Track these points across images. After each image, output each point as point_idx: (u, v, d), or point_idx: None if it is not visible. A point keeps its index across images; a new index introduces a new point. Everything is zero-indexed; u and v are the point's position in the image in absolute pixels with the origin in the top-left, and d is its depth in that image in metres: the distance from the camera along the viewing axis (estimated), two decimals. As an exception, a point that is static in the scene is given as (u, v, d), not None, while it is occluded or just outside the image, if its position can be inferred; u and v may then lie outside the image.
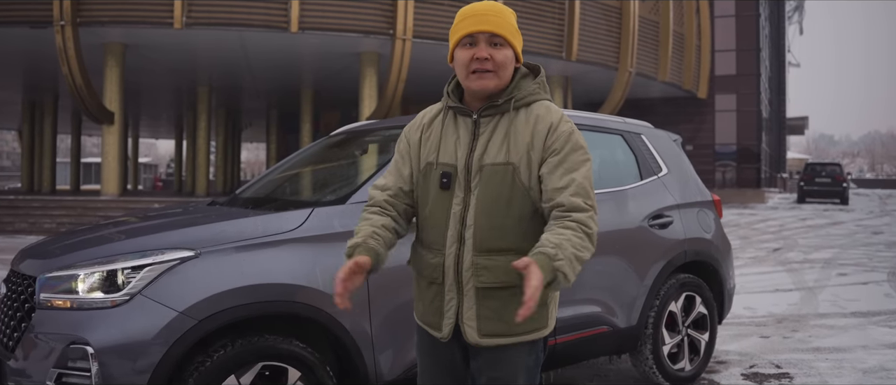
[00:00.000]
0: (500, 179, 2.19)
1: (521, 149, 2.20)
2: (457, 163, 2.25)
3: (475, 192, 2.22)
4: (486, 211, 2.20)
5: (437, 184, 2.27)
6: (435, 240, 2.29)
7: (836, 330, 6.38)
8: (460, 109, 2.30)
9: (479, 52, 2.18)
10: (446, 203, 2.25)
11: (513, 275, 2.10)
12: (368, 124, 4.71)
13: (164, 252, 2.97)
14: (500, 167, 2.20)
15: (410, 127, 2.44)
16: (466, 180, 2.23)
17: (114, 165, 19.38)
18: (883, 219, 21.98)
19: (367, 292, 3.29)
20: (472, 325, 2.23)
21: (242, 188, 4.65)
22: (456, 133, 2.30)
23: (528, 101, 2.28)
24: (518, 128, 2.23)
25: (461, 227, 2.22)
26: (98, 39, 18.35)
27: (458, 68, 2.25)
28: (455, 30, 2.24)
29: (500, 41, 2.21)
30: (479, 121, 2.27)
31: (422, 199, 2.34)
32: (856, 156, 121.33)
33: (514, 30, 2.24)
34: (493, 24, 2.18)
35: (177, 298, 2.88)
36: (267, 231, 3.17)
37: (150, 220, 3.90)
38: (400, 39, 18.39)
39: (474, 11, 2.22)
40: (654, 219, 4.56)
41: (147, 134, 50.34)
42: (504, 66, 2.22)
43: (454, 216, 2.24)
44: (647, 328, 4.50)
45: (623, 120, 4.94)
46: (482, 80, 2.20)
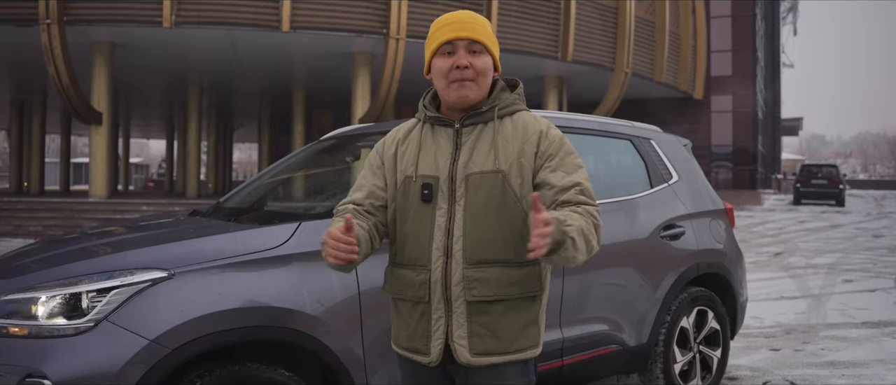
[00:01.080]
0: (490, 187, 2.12)
1: (511, 156, 2.14)
2: (438, 173, 2.16)
3: (460, 202, 2.13)
4: (475, 221, 2.11)
5: (417, 197, 2.17)
6: (418, 256, 2.17)
7: (849, 342, 6.13)
8: (440, 120, 2.22)
9: (459, 60, 2.13)
10: (429, 216, 2.16)
11: (506, 287, 2.11)
12: (360, 128, 4.42)
13: (134, 273, 2.67)
14: (489, 175, 2.12)
15: (383, 143, 2.35)
16: (451, 191, 2.14)
17: (102, 166, 19.03)
18: (881, 221, 21.79)
19: (358, 312, 3.01)
20: (464, 344, 2.13)
21: (227, 196, 4.35)
22: (435, 144, 2.21)
23: (511, 111, 2.23)
24: (506, 136, 2.17)
25: (447, 240, 2.13)
26: (86, 38, 18.00)
27: (437, 78, 2.18)
28: (432, 39, 2.19)
29: (479, 48, 2.16)
30: (462, 130, 2.20)
31: (401, 217, 2.22)
32: (848, 156, 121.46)
33: (492, 37, 2.21)
34: (472, 30, 2.14)
35: (147, 325, 2.59)
36: (249, 248, 2.88)
37: (126, 233, 3.60)
38: (393, 39, 18.10)
39: (452, 19, 2.18)
40: (665, 229, 4.29)
41: (138, 134, 49.92)
42: (484, 74, 2.17)
43: (439, 228, 2.14)
44: (657, 346, 4.24)
45: (631, 124, 4.67)
46: (463, 90, 2.14)
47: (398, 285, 2.23)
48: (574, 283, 3.72)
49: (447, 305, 2.13)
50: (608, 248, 3.95)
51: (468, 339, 2.12)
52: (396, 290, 2.24)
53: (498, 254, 2.12)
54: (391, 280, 2.27)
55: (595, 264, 3.85)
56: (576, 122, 4.17)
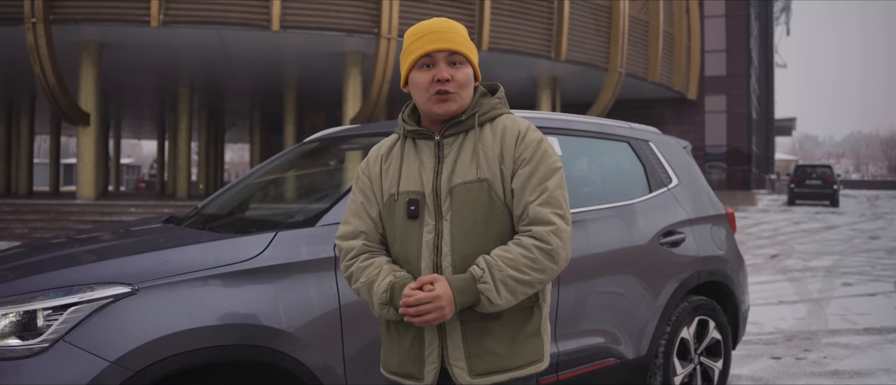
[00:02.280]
0: (475, 198, 2.02)
1: (493, 163, 2.05)
2: (423, 188, 2.07)
3: (447, 216, 2.03)
4: (463, 234, 2.02)
5: (403, 214, 2.07)
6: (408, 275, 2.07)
7: (852, 350, 5.94)
8: (420, 133, 2.12)
9: (440, 74, 2.03)
10: (416, 233, 2.06)
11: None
12: (344, 130, 4.20)
13: (94, 288, 2.46)
14: (473, 185, 2.03)
15: (367, 162, 2.23)
16: (436, 205, 2.05)
17: (90, 168, 18.76)
18: (877, 222, 21.68)
19: (339, 326, 2.80)
20: (462, 366, 2.02)
21: (206, 201, 4.14)
22: (418, 158, 2.12)
23: (492, 116, 2.13)
24: (486, 143, 2.08)
25: (436, 257, 2.02)
26: (73, 37, 17.74)
27: (417, 92, 2.09)
28: (409, 51, 2.08)
29: (459, 59, 2.07)
30: (442, 142, 2.10)
31: (389, 235, 2.14)
32: (841, 156, 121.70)
33: (471, 46, 2.12)
34: (451, 41, 2.05)
35: (108, 345, 2.38)
36: (220, 260, 2.67)
37: (97, 242, 3.39)
38: (385, 38, 17.88)
39: (429, 29, 2.07)
40: (665, 236, 4.09)
41: (130, 134, 49.50)
42: (465, 85, 2.08)
43: (427, 246, 2.04)
44: (657, 358, 4.04)
45: (629, 125, 4.46)
46: (446, 104, 2.05)
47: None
48: (569, 293, 3.52)
49: (440, 327, 2.03)
50: (606, 256, 3.76)
51: (466, 360, 2.02)
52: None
53: None
54: None
55: (592, 273, 3.66)
56: (572, 124, 3.97)
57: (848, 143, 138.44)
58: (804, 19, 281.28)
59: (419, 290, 1.92)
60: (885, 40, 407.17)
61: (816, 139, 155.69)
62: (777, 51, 54.92)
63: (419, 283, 1.93)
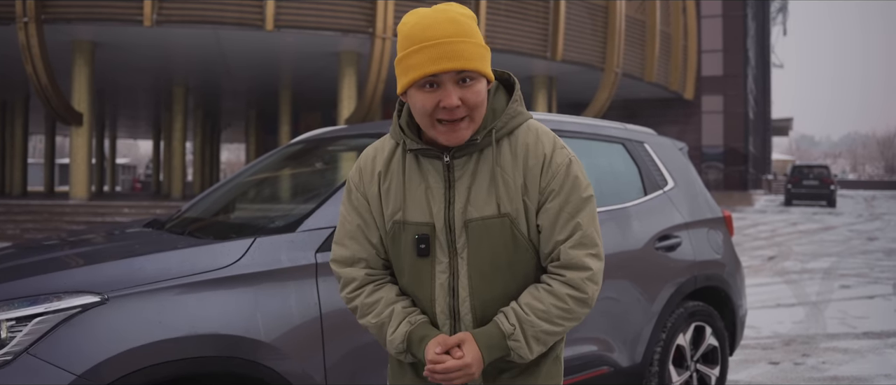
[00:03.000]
0: (497, 236, 1.74)
1: (515, 194, 1.75)
2: (433, 220, 1.77)
3: (462, 254, 1.76)
4: (483, 277, 1.76)
5: (411, 249, 1.79)
6: (424, 318, 1.84)
7: (851, 354, 5.84)
8: (425, 151, 1.77)
9: (447, 100, 1.64)
10: (427, 272, 1.79)
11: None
12: (331, 131, 4.08)
13: (61, 297, 2.34)
14: (494, 222, 1.74)
15: (360, 175, 1.89)
16: (449, 241, 1.77)
17: (83, 168, 18.63)
18: (874, 223, 21.61)
19: (320, 335, 2.69)
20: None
21: (190, 204, 4.03)
22: (423, 180, 1.79)
23: (510, 128, 1.79)
24: (505, 167, 1.76)
25: (453, 301, 1.78)
26: (65, 37, 17.61)
27: (419, 114, 1.71)
28: (407, 66, 1.66)
29: (471, 75, 1.66)
30: (453, 163, 1.77)
31: (396, 266, 1.87)
32: (838, 157, 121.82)
33: (482, 51, 1.69)
34: (460, 56, 1.63)
35: (75, 357, 2.26)
36: (196, 268, 2.55)
37: (75, 247, 3.27)
38: (380, 38, 17.77)
39: (431, 38, 1.64)
40: (660, 240, 3.99)
41: (125, 134, 49.34)
42: (479, 105, 1.70)
43: (441, 288, 1.79)
44: (652, 366, 3.93)
45: (623, 126, 4.36)
46: (455, 133, 1.69)
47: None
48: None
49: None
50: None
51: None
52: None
53: None
54: None
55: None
56: (564, 125, 3.86)
57: (845, 144, 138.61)
58: (801, 19, 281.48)
59: (447, 355, 1.71)
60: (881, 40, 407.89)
61: (813, 139, 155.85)
62: (774, 51, 54.90)
63: (444, 346, 1.71)
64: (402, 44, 1.69)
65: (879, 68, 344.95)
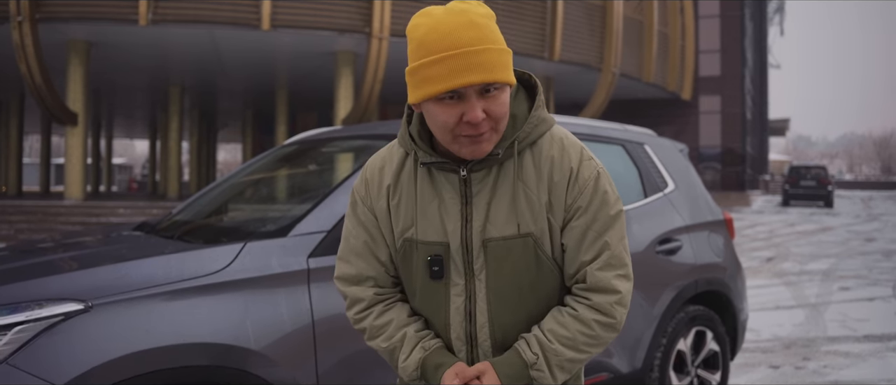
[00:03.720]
0: (519, 257, 1.61)
1: (539, 212, 1.61)
2: (447, 239, 1.63)
3: (480, 276, 1.63)
4: (502, 301, 1.63)
5: (423, 270, 1.66)
6: (439, 342, 1.72)
7: (853, 358, 5.77)
8: (440, 164, 1.62)
9: (472, 114, 1.48)
10: (442, 296, 1.66)
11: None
12: (325, 132, 4.00)
13: (43, 305, 2.26)
14: (515, 241, 1.60)
15: (366, 187, 1.74)
16: (466, 262, 1.63)
17: (78, 168, 18.53)
18: (872, 224, 21.56)
19: (312, 342, 2.61)
20: None
21: (181, 206, 3.95)
22: (436, 195, 1.64)
23: (533, 139, 1.63)
24: (528, 182, 1.61)
25: (470, 326, 1.66)
26: (60, 37, 17.50)
27: (436, 128, 1.54)
28: (423, 76, 1.49)
29: (496, 86, 1.50)
30: (470, 177, 1.62)
31: (407, 286, 1.74)
32: (834, 157, 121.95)
33: (506, 58, 1.52)
34: (484, 67, 1.46)
35: (56, 368, 2.19)
36: (183, 274, 2.47)
37: (64, 251, 3.19)
38: (376, 38, 17.68)
39: (451, 47, 1.45)
40: (661, 244, 3.91)
41: (122, 134, 49.19)
42: (503, 116, 1.54)
43: (457, 312, 1.66)
44: (652, 371, 3.86)
45: (623, 127, 4.28)
46: (479, 147, 1.54)
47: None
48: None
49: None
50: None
51: None
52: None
53: None
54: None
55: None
56: (563, 126, 3.78)
57: (841, 144, 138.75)
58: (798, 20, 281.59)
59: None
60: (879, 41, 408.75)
61: (810, 140, 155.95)
62: (771, 51, 54.87)
63: (463, 377, 1.58)
64: (415, 51, 1.51)
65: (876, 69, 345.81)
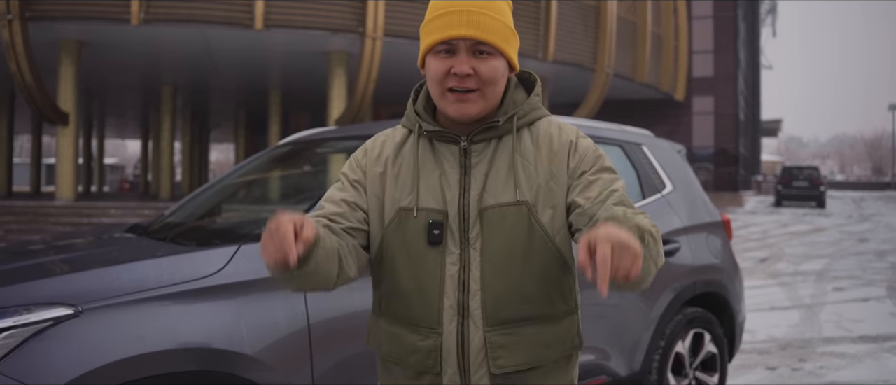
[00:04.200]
0: (512, 224, 1.63)
1: (537, 181, 1.65)
2: (446, 207, 1.66)
3: (476, 244, 1.64)
4: (495, 269, 1.63)
5: (421, 238, 1.65)
6: (423, 315, 1.67)
7: (849, 359, 5.76)
8: (441, 134, 1.68)
9: (459, 66, 1.59)
10: (437, 263, 1.65)
11: (541, 351, 1.66)
12: (320, 133, 3.95)
13: (32, 310, 2.21)
14: (510, 209, 1.63)
15: (366, 153, 1.78)
16: (462, 230, 1.65)
17: (69, 168, 18.40)
18: (864, 224, 21.60)
19: (308, 346, 2.57)
20: None
21: (174, 207, 3.89)
22: (438, 166, 1.69)
23: (531, 119, 1.72)
24: (526, 155, 1.67)
25: (462, 295, 1.64)
26: (51, 36, 17.35)
27: (431, 82, 1.65)
28: (427, 29, 1.63)
29: (487, 49, 1.60)
30: (470, 148, 1.68)
31: (393, 261, 1.69)
32: (826, 158, 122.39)
33: (507, 31, 1.63)
34: (478, 26, 1.58)
35: (46, 374, 2.14)
36: (176, 278, 2.42)
37: (54, 253, 3.14)
38: (370, 38, 17.60)
39: (453, 5, 1.60)
40: (659, 245, 3.87)
41: (113, 134, 48.99)
42: (492, 81, 1.62)
43: (451, 279, 1.64)
44: (651, 374, 3.83)
45: (621, 128, 4.25)
46: (463, 105, 1.62)
47: (394, 348, 1.72)
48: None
49: (464, 377, 1.66)
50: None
51: None
52: (391, 353, 1.74)
53: (528, 309, 1.66)
54: (381, 337, 1.76)
55: (581, 287, 3.43)
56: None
57: (833, 145, 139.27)
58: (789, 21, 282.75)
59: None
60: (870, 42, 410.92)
61: (802, 140, 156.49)
62: (763, 52, 55.02)
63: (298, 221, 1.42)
64: (429, 11, 1.66)
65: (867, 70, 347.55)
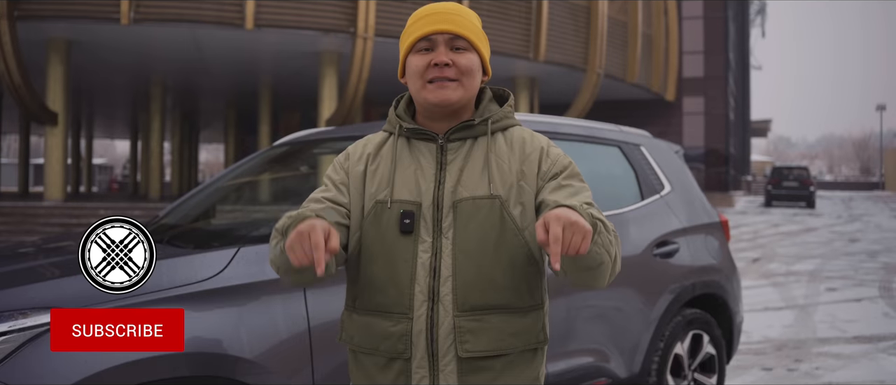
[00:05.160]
0: (485, 217, 1.73)
1: (509, 178, 1.76)
2: (421, 199, 1.76)
3: (448, 234, 1.73)
4: (467, 257, 1.71)
5: (394, 227, 1.75)
6: (395, 301, 1.74)
7: (844, 359, 5.76)
8: (419, 132, 1.81)
9: (438, 57, 1.75)
10: (409, 251, 1.73)
11: (507, 339, 1.73)
12: (316, 133, 3.92)
13: (28, 314, 2.17)
14: (483, 202, 1.73)
15: (348, 156, 1.89)
16: (435, 220, 1.74)
17: (58, 169, 18.28)
18: (854, 224, 21.70)
19: (308, 349, 2.53)
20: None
21: (169, 208, 3.84)
22: (415, 162, 1.80)
23: (504, 125, 1.85)
24: (500, 154, 1.79)
25: (433, 281, 1.72)
26: (40, 35, 17.22)
27: (412, 78, 1.79)
28: (407, 34, 1.80)
29: (463, 45, 1.78)
30: (447, 146, 1.79)
31: (369, 252, 1.77)
32: (814, 158, 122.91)
33: (479, 33, 1.82)
34: (455, 23, 1.77)
35: (43, 379, 2.10)
36: (174, 281, 2.39)
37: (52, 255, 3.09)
38: (361, 38, 17.56)
39: (431, 10, 1.79)
40: (658, 247, 3.86)
41: (102, 134, 48.77)
42: (470, 72, 1.77)
43: (422, 266, 1.72)
44: (650, 376, 3.81)
45: (619, 129, 4.23)
46: (443, 91, 1.75)
47: (366, 337, 1.78)
48: (558, 310, 3.26)
49: (432, 362, 1.72)
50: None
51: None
52: (363, 343, 1.79)
53: (497, 297, 1.73)
54: (353, 329, 1.81)
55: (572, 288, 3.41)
56: (560, 127, 3.73)
57: (821, 145, 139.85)
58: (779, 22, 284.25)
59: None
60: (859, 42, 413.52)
61: (790, 140, 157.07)
62: (753, 53, 55.20)
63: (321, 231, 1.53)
64: (407, 24, 1.83)
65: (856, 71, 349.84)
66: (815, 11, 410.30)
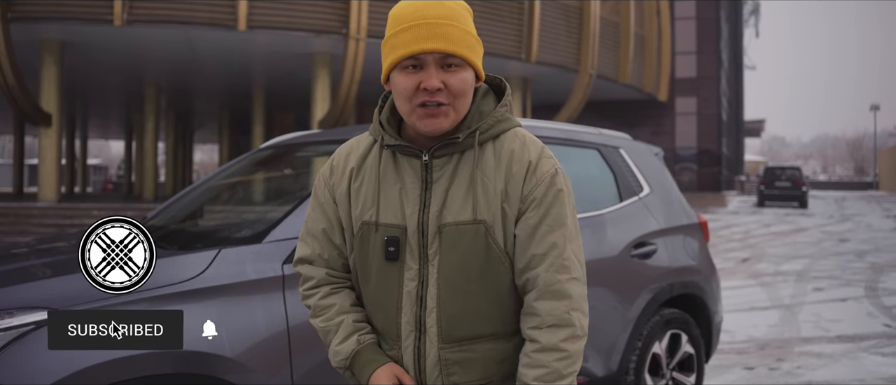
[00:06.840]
0: (469, 243, 1.64)
1: (494, 201, 1.65)
2: (405, 223, 1.67)
3: (433, 261, 1.66)
4: (452, 288, 1.65)
5: (379, 252, 1.68)
6: (385, 328, 1.73)
7: (826, 359, 5.84)
8: (403, 148, 1.68)
9: (429, 81, 1.58)
10: (395, 279, 1.69)
11: (494, 367, 1.69)
12: (301, 136, 3.99)
13: (14, 313, 2.24)
14: (467, 227, 1.64)
15: (331, 171, 1.80)
16: (421, 246, 1.66)
17: (52, 169, 18.32)
18: (845, 225, 21.81)
19: (287, 348, 2.61)
20: None
21: (156, 210, 3.91)
22: (399, 180, 1.70)
23: (496, 132, 1.69)
24: (486, 171, 1.66)
25: (420, 311, 1.67)
26: (33, 36, 17.27)
27: (400, 99, 1.63)
28: (391, 44, 1.62)
29: (456, 62, 1.60)
30: (432, 163, 1.67)
31: (361, 272, 1.75)
32: (808, 158, 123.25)
33: (473, 41, 1.64)
34: (446, 38, 1.58)
35: (28, 378, 2.16)
36: (157, 281, 2.45)
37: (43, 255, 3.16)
38: (353, 39, 17.62)
39: (417, 18, 1.59)
40: (636, 247, 3.94)
41: (97, 135, 48.73)
42: (462, 94, 1.62)
43: (408, 296, 1.68)
44: (628, 374, 3.88)
45: (599, 131, 4.30)
46: (435, 120, 1.61)
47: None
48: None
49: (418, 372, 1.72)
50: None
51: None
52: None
53: (483, 327, 1.68)
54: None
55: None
56: (539, 130, 3.79)
57: (815, 145, 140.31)
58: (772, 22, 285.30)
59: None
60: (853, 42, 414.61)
61: (784, 140, 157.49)
62: (746, 53, 55.38)
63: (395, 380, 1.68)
64: (389, 25, 1.64)
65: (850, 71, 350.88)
66: (810, 11, 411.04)
